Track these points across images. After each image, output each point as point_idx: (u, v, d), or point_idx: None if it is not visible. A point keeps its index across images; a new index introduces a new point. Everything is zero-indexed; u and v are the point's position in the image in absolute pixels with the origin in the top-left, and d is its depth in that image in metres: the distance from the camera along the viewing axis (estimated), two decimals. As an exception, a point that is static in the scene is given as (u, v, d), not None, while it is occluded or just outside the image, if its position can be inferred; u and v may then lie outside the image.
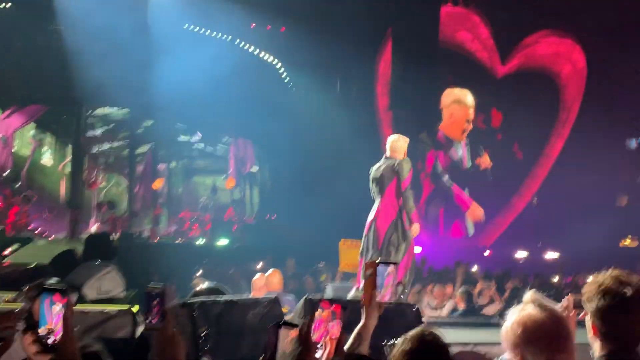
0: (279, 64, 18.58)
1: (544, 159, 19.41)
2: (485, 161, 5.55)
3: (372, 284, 2.33)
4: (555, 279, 14.04)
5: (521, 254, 18.33)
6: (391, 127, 18.60)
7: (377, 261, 2.31)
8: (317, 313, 2.04)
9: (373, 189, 5.60)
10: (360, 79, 18.47)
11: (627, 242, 24.95)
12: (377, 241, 5.81)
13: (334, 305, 2.06)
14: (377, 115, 18.72)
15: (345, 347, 2.14)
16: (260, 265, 10.83)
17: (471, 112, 18.43)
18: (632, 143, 27.86)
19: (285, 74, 18.73)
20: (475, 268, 14.11)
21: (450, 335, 2.31)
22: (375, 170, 5.65)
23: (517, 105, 18.37)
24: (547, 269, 15.90)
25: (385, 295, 2.31)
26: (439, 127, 17.69)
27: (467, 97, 18.50)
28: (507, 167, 18.99)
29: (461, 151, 18.73)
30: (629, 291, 2.06)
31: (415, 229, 5.62)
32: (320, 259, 13.65)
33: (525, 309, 2.04)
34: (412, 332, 2.03)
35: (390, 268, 2.30)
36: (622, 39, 20.23)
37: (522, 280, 12.41)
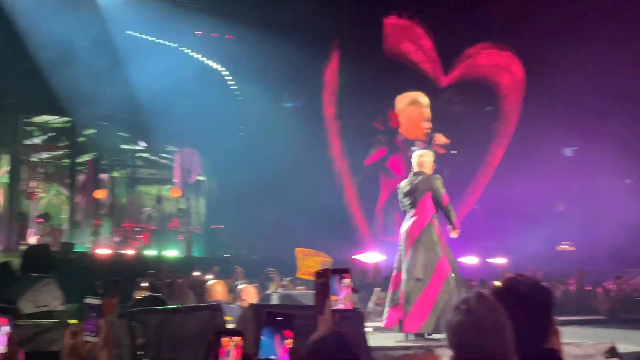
0: (226, 72, 18.49)
1: (485, 167, 19.99)
2: (440, 139, 5.66)
3: (324, 292, 2.27)
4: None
5: (470, 260, 18.84)
6: (338, 136, 18.83)
7: (329, 269, 2.31)
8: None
9: (404, 202, 5.71)
10: (308, 88, 18.61)
11: (565, 246, 26.08)
12: (407, 248, 5.81)
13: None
14: (325, 124, 18.86)
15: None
16: (210, 275, 10.72)
17: (427, 111, 18.99)
18: (568, 151, 29.28)
19: (232, 82, 18.65)
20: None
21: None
22: (406, 184, 5.80)
23: (461, 114, 18.91)
24: (490, 275, 16.33)
25: (340, 303, 2.25)
26: (399, 131, 18.24)
27: (421, 98, 19.02)
28: (451, 175, 19.53)
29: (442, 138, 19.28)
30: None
31: (455, 234, 5.86)
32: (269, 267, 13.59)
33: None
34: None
35: (346, 279, 2.25)
36: (558, 51, 21.22)
37: (465, 286, 12.69)
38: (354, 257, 15.26)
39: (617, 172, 27.83)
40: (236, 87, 18.32)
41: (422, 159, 6.02)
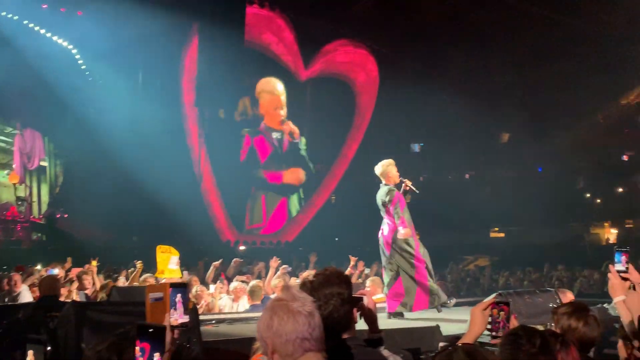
0: (75, 51, 17.16)
1: (341, 160, 20.73)
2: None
3: (162, 307, 2.14)
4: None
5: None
6: (197, 124, 18.43)
7: (166, 284, 2.20)
8: None
9: (381, 209, 6.31)
10: (165, 73, 17.89)
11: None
12: (386, 252, 6.28)
13: None
14: (183, 111, 18.34)
15: None
16: (56, 269, 9.89)
17: (282, 99, 19.44)
18: (415, 147, 31.35)
19: (82, 61, 17.35)
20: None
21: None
22: (377, 195, 6.33)
23: (319, 108, 19.39)
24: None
25: (178, 318, 2.13)
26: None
27: (277, 86, 19.39)
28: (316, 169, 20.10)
29: (280, 138, 19.56)
30: None
31: (405, 233, 6.19)
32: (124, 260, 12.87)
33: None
34: None
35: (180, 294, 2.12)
36: (412, 50, 22.50)
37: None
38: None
39: (459, 166, 30.41)
40: (86, 67, 17.06)
41: (380, 170, 6.26)
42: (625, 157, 30.17)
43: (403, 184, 6.42)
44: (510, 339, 2.05)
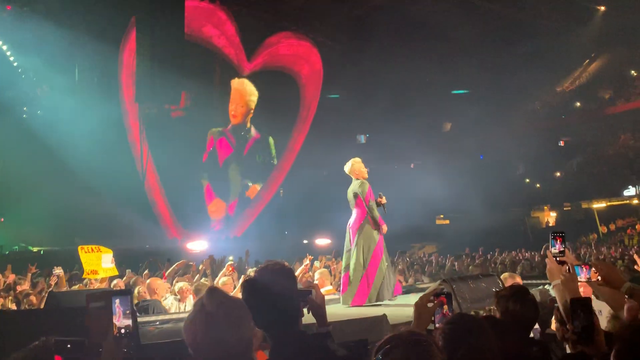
0: (5, 47, 16.36)
1: (288, 153, 20.66)
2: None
3: (106, 315, 2.02)
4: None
5: (322, 242, 19.53)
6: (138, 120, 17.95)
7: (110, 291, 2.10)
8: None
9: (350, 203, 6.42)
10: (103, 68, 17.30)
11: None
12: (350, 243, 6.49)
13: None
14: (123, 107, 17.80)
15: None
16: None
17: (253, 100, 19.33)
18: (362, 138, 31.71)
19: (13, 57, 16.57)
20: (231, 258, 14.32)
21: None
22: (349, 189, 6.43)
23: (264, 101, 19.24)
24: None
25: (121, 327, 2.03)
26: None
27: (246, 86, 19.27)
28: (258, 161, 19.95)
29: (243, 140, 19.46)
30: None
31: (384, 229, 6.54)
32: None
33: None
34: None
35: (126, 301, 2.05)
36: (356, 43, 22.64)
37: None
38: (188, 245, 14.85)
39: (404, 157, 30.93)
40: (17, 63, 16.30)
41: (351, 167, 6.53)
42: (561, 143, 31.46)
43: (378, 198, 6.55)
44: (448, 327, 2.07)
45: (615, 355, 1.82)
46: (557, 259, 2.65)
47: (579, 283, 2.51)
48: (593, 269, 2.55)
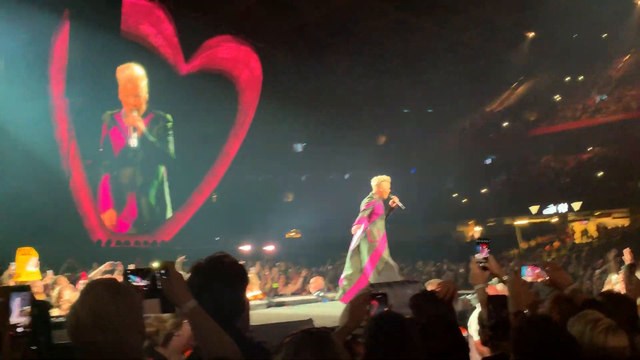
0: None
1: (223, 158, 20.43)
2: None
3: (3, 314, 1.91)
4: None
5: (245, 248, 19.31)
6: (66, 114, 17.26)
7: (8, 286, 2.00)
8: None
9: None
10: (32, 61, 16.52)
11: (292, 234, 28.25)
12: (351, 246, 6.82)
13: None
14: (52, 102, 17.06)
15: None
16: None
17: (142, 86, 18.68)
18: (298, 147, 31.87)
19: None
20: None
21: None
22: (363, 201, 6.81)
23: (200, 103, 18.94)
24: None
25: (16, 322, 1.94)
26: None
27: (135, 70, 18.58)
28: (188, 165, 19.55)
29: (134, 131, 18.77)
30: None
31: (354, 229, 6.78)
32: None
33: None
34: None
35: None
36: (297, 52, 22.73)
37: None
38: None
39: (339, 166, 31.29)
40: None
41: (383, 184, 6.85)
42: (489, 161, 32.80)
43: (391, 200, 6.75)
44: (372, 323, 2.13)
45: (513, 345, 1.94)
46: (481, 265, 2.77)
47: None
48: (538, 269, 2.68)
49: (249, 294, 6.83)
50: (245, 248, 19.79)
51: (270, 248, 21.03)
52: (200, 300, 1.96)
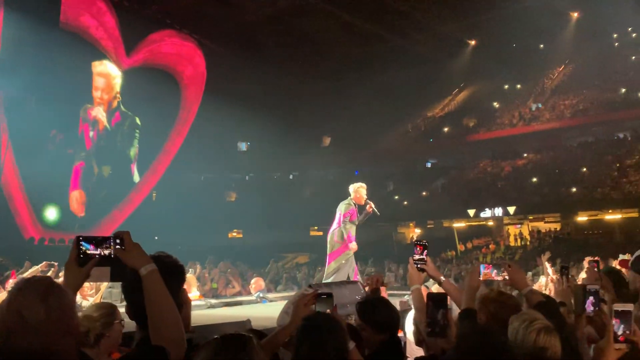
0: None
1: (164, 155, 20.02)
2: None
3: None
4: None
5: None
6: (2, 106, 16.52)
7: None
8: None
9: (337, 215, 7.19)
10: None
11: (234, 233, 28.01)
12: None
13: None
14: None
15: None
16: None
17: (114, 83, 18.29)
18: (243, 146, 31.63)
19: None
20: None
21: None
22: (339, 205, 7.21)
23: (141, 99, 18.51)
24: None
25: None
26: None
27: (107, 67, 18.16)
28: (123, 163, 19.10)
29: (100, 115, 18.33)
30: None
31: (352, 246, 7.08)
32: None
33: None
34: None
35: None
36: (243, 50, 22.55)
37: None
38: None
39: (284, 167, 31.29)
40: None
41: (359, 190, 7.20)
42: (429, 164, 33.53)
43: (367, 205, 7.09)
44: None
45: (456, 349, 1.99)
46: (418, 266, 2.83)
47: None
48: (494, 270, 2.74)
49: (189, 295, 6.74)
50: (186, 248, 19.45)
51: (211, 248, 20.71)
52: (138, 297, 1.92)
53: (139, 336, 1.93)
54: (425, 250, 2.93)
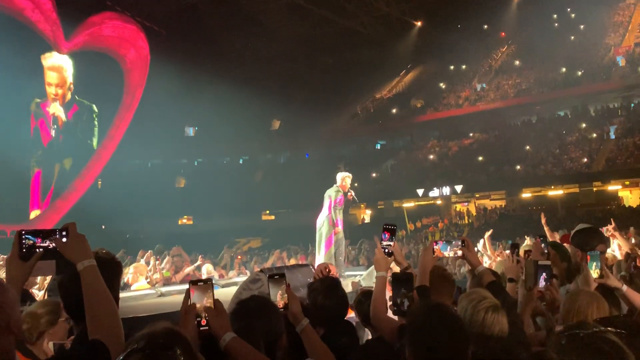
0: None
1: (108, 142, 19.40)
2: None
3: None
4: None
5: None
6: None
7: None
8: None
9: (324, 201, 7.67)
10: None
11: (184, 220, 27.62)
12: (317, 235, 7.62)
13: None
14: None
15: None
16: None
17: (66, 75, 17.55)
18: (190, 131, 31.08)
19: None
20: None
21: None
22: (327, 191, 7.69)
23: (86, 84, 17.87)
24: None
25: None
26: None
27: (57, 59, 17.38)
28: (85, 154, 18.46)
29: (58, 112, 17.59)
30: None
31: (337, 230, 7.47)
32: None
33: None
34: None
35: None
36: (187, 32, 22.03)
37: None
38: None
39: (234, 152, 30.92)
40: None
41: (346, 179, 7.74)
42: (378, 146, 33.86)
43: (349, 194, 7.69)
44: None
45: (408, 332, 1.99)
46: (386, 250, 2.83)
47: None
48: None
49: (135, 285, 6.57)
50: (135, 236, 19.06)
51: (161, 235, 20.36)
52: (75, 291, 1.84)
53: (76, 331, 1.87)
54: (394, 236, 2.93)
